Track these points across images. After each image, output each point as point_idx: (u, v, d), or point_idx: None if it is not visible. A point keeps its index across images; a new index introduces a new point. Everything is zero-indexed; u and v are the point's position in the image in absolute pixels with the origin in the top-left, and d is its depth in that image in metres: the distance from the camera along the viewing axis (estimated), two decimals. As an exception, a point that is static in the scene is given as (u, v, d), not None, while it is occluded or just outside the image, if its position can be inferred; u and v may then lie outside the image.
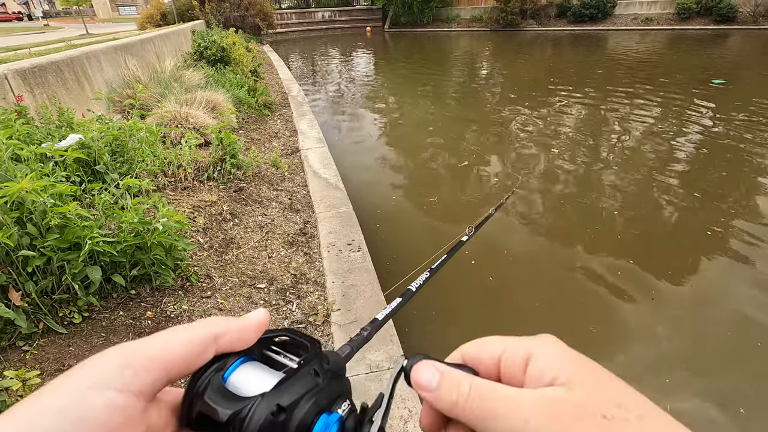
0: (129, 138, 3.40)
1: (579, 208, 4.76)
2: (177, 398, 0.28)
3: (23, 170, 2.28)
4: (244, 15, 21.00)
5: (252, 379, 0.27)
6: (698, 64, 13.71)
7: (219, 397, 0.26)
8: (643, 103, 8.81)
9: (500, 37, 24.57)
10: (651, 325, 3.03)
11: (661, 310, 3.16)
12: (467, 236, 0.96)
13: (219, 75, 7.96)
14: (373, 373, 2.07)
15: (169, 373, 0.25)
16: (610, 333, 3.00)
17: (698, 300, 3.27)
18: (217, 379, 0.27)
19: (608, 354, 2.82)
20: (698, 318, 3.10)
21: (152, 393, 0.25)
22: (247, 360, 0.29)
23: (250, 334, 0.29)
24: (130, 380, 0.24)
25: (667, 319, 3.07)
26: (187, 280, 2.56)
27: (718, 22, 22.23)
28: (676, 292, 3.36)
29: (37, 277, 2.05)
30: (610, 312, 3.19)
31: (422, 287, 0.62)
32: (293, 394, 0.26)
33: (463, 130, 7.84)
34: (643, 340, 2.92)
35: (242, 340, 0.29)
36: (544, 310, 3.20)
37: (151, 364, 0.25)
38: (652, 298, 3.28)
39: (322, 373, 0.29)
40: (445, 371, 0.29)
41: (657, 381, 2.60)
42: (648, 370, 2.69)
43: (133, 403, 0.24)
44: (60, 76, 4.39)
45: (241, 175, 4.08)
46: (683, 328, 3.00)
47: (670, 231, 4.30)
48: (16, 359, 1.92)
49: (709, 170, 5.66)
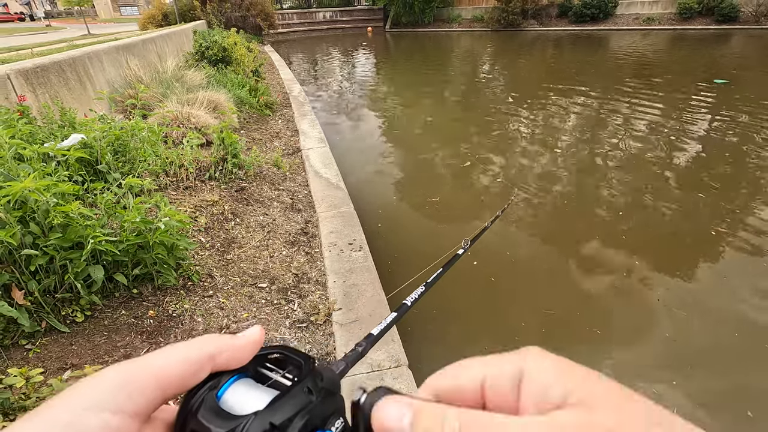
0: (131, 138, 3.41)
1: (582, 209, 4.76)
2: (171, 416, 0.28)
3: (26, 170, 2.28)
4: (245, 15, 21.02)
5: (245, 398, 0.28)
6: (700, 63, 13.69)
7: (212, 415, 0.26)
8: (645, 103, 8.80)
9: (501, 37, 24.55)
10: (656, 327, 3.01)
11: (667, 311, 3.15)
12: (463, 249, 0.97)
13: (220, 75, 7.97)
14: (374, 372, 2.08)
15: (164, 392, 0.25)
16: (614, 334, 2.98)
17: (704, 301, 3.25)
18: (210, 398, 0.27)
19: (612, 356, 2.81)
20: (704, 319, 3.07)
21: (147, 413, 0.25)
22: (240, 378, 0.29)
23: (245, 352, 0.29)
24: (126, 401, 0.24)
25: (673, 321, 3.05)
26: (188, 279, 2.56)
27: (719, 22, 22.17)
28: (682, 293, 3.34)
29: (39, 276, 2.05)
30: (614, 313, 3.18)
31: (418, 301, 0.64)
32: (286, 413, 0.26)
33: (466, 131, 7.84)
34: (649, 342, 2.90)
35: (237, 358, 0.29)
36: (546, 311, 3.19)
37: (147, 384, 0.25)
38: (658, 299, 3.26)
39: (315, 391, 0.28)
40: (420, 406, 0.23)
41: (663, 383, 2.58)
42: (653, 372, 2.68)
43: (128, 424, 0.23)
44: (62, 76, 4.41)
45: (243, 175, 4.09)
46: (689, 330, 2.98)
47: (675, 231, 4.28)
48: (19, 357, 1.93)
49: (713, 170, 5.65)
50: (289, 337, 2.28)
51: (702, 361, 2.73)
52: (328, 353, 2.20)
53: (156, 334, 2.17)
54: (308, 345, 2.25)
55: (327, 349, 2.23)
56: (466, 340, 3.01)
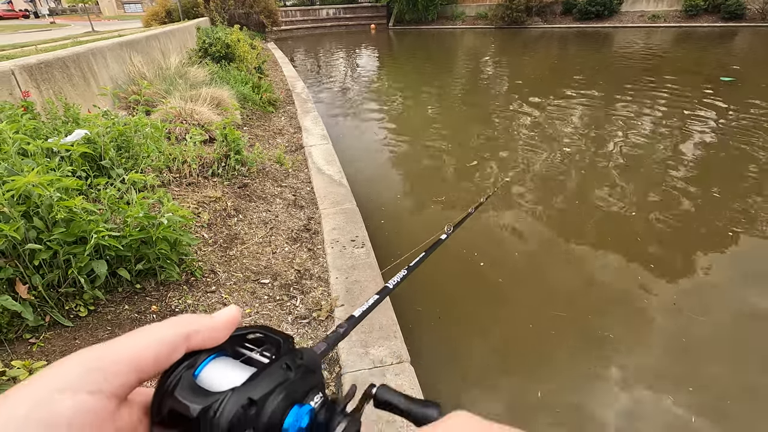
0: (134, 134, 3.41)
1: (594, 209, 4.65)
2: (147, 398, 0.28)
3: (30, 164, 2.29)
4: (248, 12, 21.00)
5: (223, 375, 0.28)
6: (706, 61, 13.58)
7: (190, 393, 0.26)
8: (651, 101, 8.74)
9: (505, 34, 24.44)
10: (672, 332, 2.94)
11: (683, 315, 3.07)
12: (446, 234, 0.97)
13: (223, 72, 7.97)
14: (377, 368, 2.08)
15: (139, 374, 0.25)
16: (628, 339, 2.90)
17: (723, 305, 3.17)
18: (187, 376, 0.27)
19: (628, 361, 2.73)
20: (722, 323, 3.00)
21: (123, 395, 0.25)
22: (218, 356, 0.29)
23: (221, 331, 0.29)
24: (100, 382, 0.23)
25: (689, 326, 2.98)
26: (191, 274, 2.57)
27: (726, 19, 21.97)
28: (699, 296, 3.25)
29: (43, 271, 2.06)
30: (628, 317, 3.08)
31: (399, 284, 0.65)
32: (264, 388, 0.26)
33: (470, 129, 7.81)
34: (663, 347, 2.83)
35: (213, 338, 0.29)
36: (556, 314, 3.10)
37: (121, 365, 0.25)
38: (674, 303, 3.19)
39: (294, 368, 0.29)
40: None
41: (679, 390, 2.53)
42: (667, 379, 2.61)
43: (103, 405, 0.23)
44: (66, 72, 4.41)
45: (246, 172, 4.09)
46: (707, 335, 2.90)
47: (691, 232, 4.16)
48: (23, 351, 1.94)
49: (724, 168, 5.58)
50: (291, 333, 2.28)
51: (718, 369, 2.64)
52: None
53: (159, 329, 2.17)
54: (310, 341, 2.25)
55: (329, 345, 2.23)
56: (470, 340, 3.01)
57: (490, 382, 2.67)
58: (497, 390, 2.63)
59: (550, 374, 2.66)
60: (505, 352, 2.88)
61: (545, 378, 2.63)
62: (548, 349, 2.85)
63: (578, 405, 2.47)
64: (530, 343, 2.91)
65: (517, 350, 2.88)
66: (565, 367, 2.72)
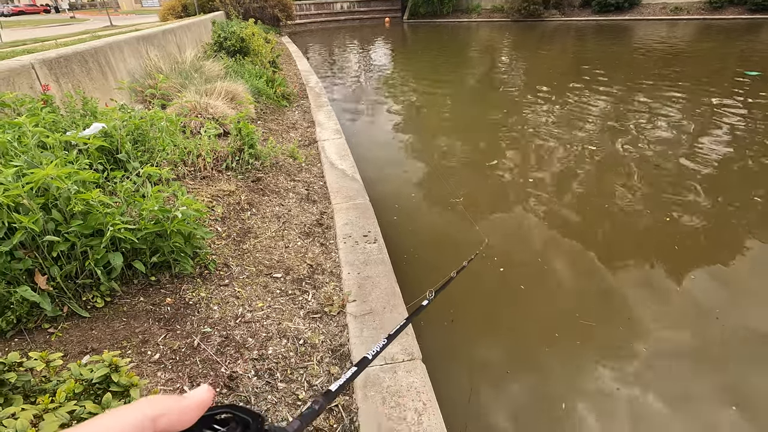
0: (150, 127, 3.45)
1: (615, 212, 4.47)
2: None
3: (48, 157, 2.33)
4: (263, 6, 21.04)
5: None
6: (731, 54, 13.14)
7: None
8: (674, 97, 8.49)
9: (522, 28, 24.01)
10: (690, 341, 2.85)
11: (701, 322, 2.98)
12: (428, 300, 0.99)
13: (238, 66, 8.01)
14: (388, 365, 2.06)
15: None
16: (642, 345, 2.82)
17: (744, 313, 3.05)
18: None
19: (646, 366, 2.66)
20: (741, 330, 2.90)
21: None
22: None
23: (190, 414, 0.29)
24: None
25: (708, 334, 2.89)
26: (205, 268, 2.59)
27: (752, 11, 21.22)
28: (740, 310, 3.09)
29: (61, 262, 2.10)
30: (663, 329, 2.97)
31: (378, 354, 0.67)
32: None
33: (486, 125, 7.69)
34: (681, 355, 2.75)
35: (182, 421, 0.28)
36: (585, 322, 3.00)
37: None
38: (717, 317, 3.04)
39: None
40: None
41: (698, 397, 2.48)
42: (686, 383, 2.56)
43: None
44: (84, 66, 4.48)
45: (259, 166, 4.10)
46: (725, 343, 2.81)
47: (713, 235, 3.99)
48: (42, 341, 1.98)
49: (749, 166, 5.39)
50: (303, 328, 2.28)
51: (736, 378, 2.55)
52: (341, 344, 2.20)
53: (173, 321, 2.20)
54: (322, 336, 2.25)
55: (341, 341, 2.23)
56: (480, 340, 2.97)
57: (507, 386, 2.64)
58: (510, 393, 2.60)
59: (574, 388, 2.57)
60: (522, 359, 2.82)
61: (568, 393, 2.53)
62: (577, 360, 2.76)
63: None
64: (560, 353, 2.79)
65: (532, 356, 2.82)
66: (587, 380, 2.65)
